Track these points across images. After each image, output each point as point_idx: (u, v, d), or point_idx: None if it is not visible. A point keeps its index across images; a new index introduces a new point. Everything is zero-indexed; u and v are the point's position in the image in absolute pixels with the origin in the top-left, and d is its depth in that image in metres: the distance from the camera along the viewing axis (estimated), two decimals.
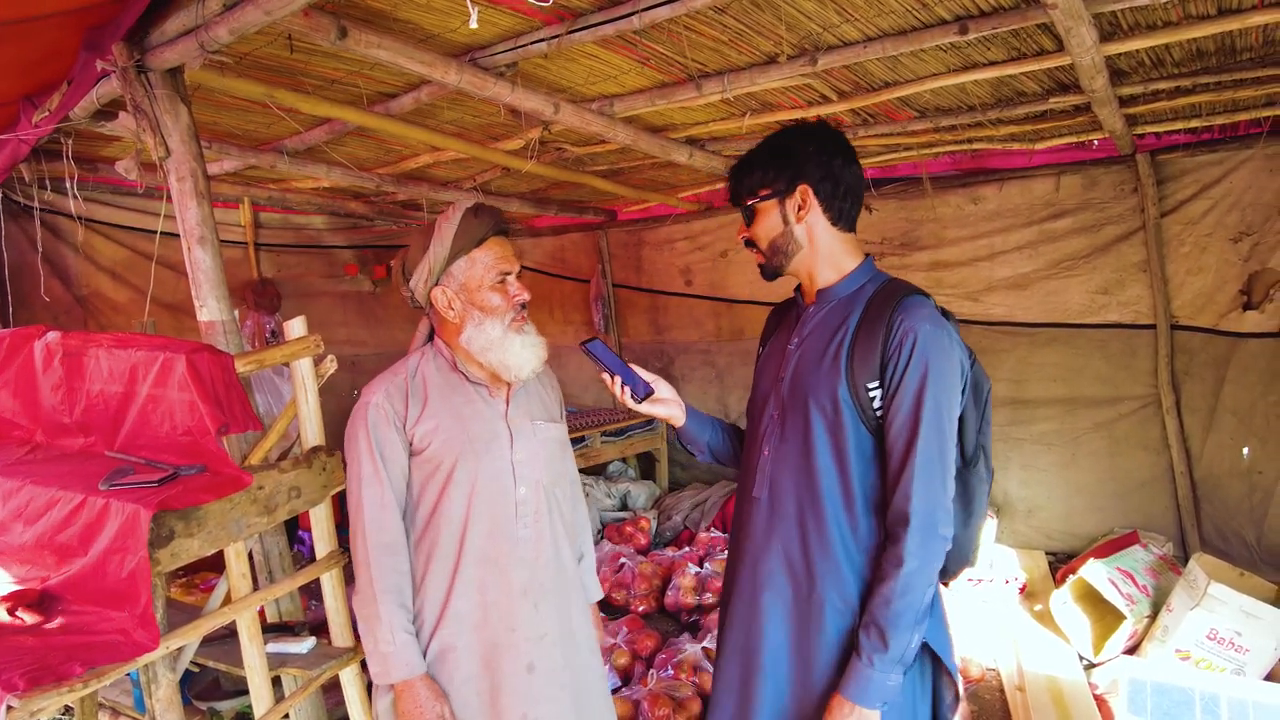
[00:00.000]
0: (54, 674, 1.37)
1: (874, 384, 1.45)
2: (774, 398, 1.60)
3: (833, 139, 1.57)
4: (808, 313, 1.60)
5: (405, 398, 1.68)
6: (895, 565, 1.39)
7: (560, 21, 2.27)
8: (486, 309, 1.68)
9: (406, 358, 1.78)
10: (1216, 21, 2.23)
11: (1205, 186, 3.58)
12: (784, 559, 1.54)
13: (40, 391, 2.00)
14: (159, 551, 1.55)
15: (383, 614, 1.60)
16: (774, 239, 1.57)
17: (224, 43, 1.90)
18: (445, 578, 1.67)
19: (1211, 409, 3.73)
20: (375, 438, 1.64)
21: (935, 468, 1.40)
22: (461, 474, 1.66)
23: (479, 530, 1.68)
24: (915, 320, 1.42)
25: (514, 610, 1.69)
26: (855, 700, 1.40)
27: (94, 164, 3.71)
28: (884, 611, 1.39)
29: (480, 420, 1.72)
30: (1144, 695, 1.68)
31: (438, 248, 1.68)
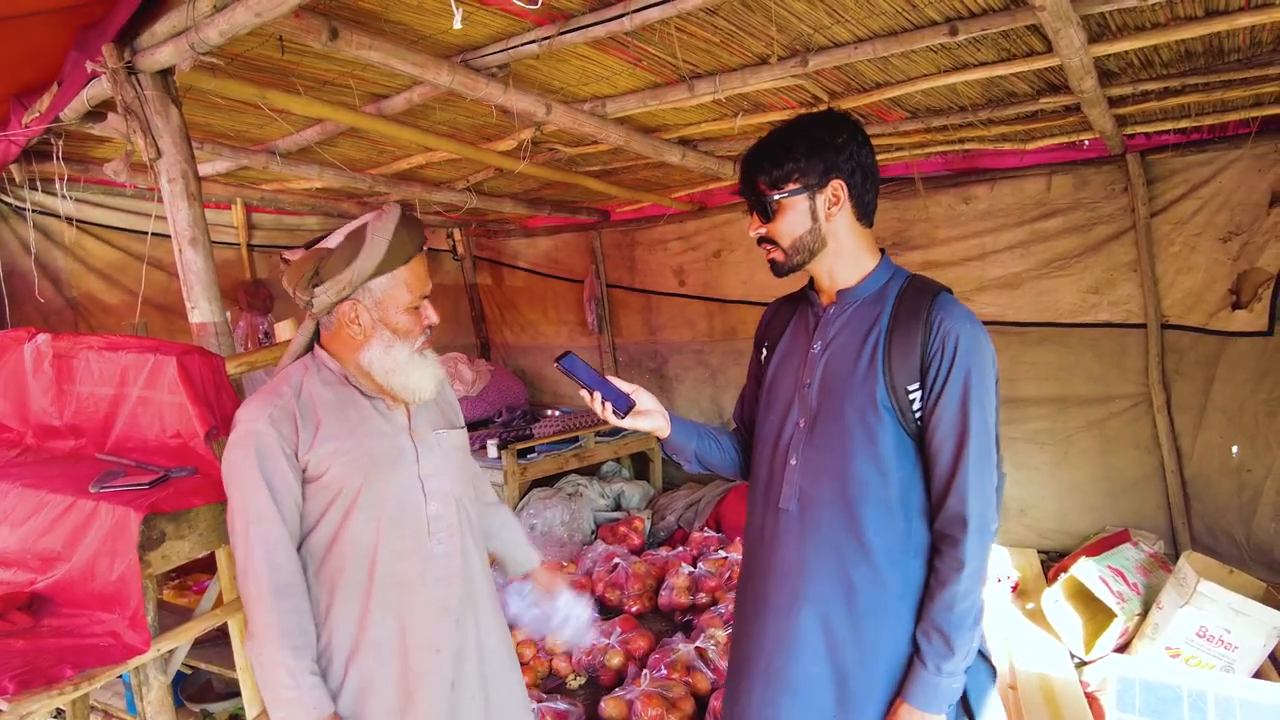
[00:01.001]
0: (44, 677, 1.37)
1: (914, 386, 1.41)
2: (798, 404, 1.53)
3: (858, 127, 1.50)
4: (828, 314, 1.54)
5: (294, 421, 1.51)
6: (956, 569, 1.37)
7: (552, 23, 2.27)
8: (399, 331, 1.57)
9: (284, 373, 1.61)
10: (1204, 23, 2.25)
11: (1194, 186, 3.60)
12: (823, 571, 1.48)
13: (30, 394, 2.00)
14: (150, 554, 1.55)
15: (282, 659, 1.44)
16: (799, 236, 1.48)
17: (215, 44, 1.90)
18: (356, 606, 1.54)
19: (1201, 407, 3.75)
20: (263, 469, 1.46)
21: (986, 467, 1.38)
22: (367, 498, 1.54)
23: (390, 553, 1.56)
24: (956, 320, 1.40)
25: (436, 631, 1.60)
26: (923, 708, 1.39)
27: (85, 165, 3.70)
28: (947, 616, 1.38)
29: (381, 437, 1.60)
30: (1132, 693, 1.69)
31: (366, 261, 1.52)
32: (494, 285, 6.58)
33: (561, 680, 3.28)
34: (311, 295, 1.56)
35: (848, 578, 1.45)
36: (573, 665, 3.32)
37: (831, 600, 1.47)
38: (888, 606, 1.44)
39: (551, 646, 3.37)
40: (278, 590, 1.46)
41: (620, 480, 5.43)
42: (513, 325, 6.54)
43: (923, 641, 1.40)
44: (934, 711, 1.39)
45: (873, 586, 1.44)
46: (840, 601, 1.46)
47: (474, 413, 5.59)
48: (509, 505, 4.69)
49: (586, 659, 3.29)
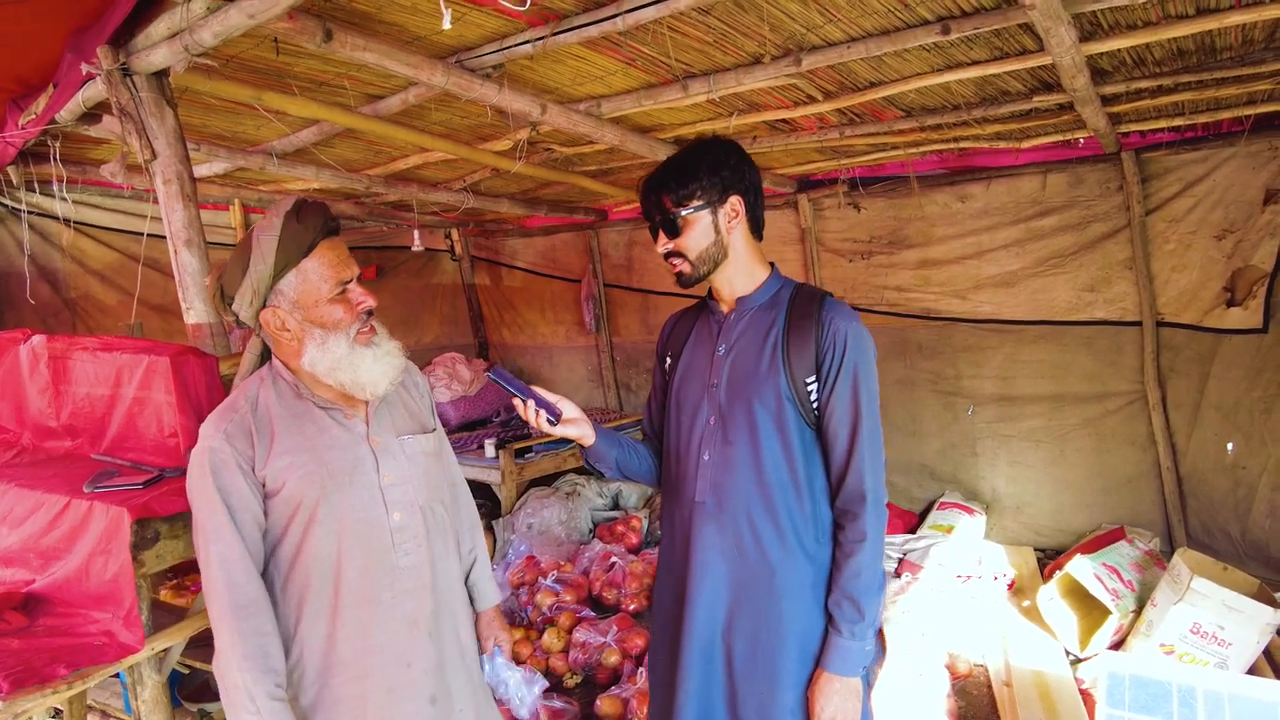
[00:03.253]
0: (38, 676, 1.38)
1: (811, 378, 1.57)
2: (708, 403, 1.65)
3: (744, 151, 1.67)
4: (729, 320, 1.68)
5: (249, 436, 1.47)
6: (859, 540, 1.53)
7: (545, 23, 2.28)
8: (328, 324, 1.49)
9: (243, 386, 1.57)
10: (1195, 21, 2.25)
11: (1189, 184, 3.61)
12: (739, 557, 1.59)
13: (27, 395, 2.01)
14: (144, 553, 1.56)
15: (242, 681, 1.39)
16: (705, 249, 1.61)
17: (208, 46, 1.90)
18: (324, 622, 1.50)
19: (1196, 405, 3.76)
20: (219, 485, 1.43)
21: (877, 447, 1.55)
22: (325, 511, 1.48)
23: (354, 568, 1.51)
24: (844, 319, 1.57)
25: (407, 646, 1.55)
26: (841, 673, 1.52)
27: (82, 166, 3.71)
28: (855, 583, 1.52)
29: (337, 449, 1.53)
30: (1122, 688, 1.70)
31: (259, 265, 1.46)
32: (492, 285, 6.59)
33: (559, 678, 3.29)
34: (234, 314, 1.52)
35: (766, 559, 1.58)
36: (569, 664, 3.33)
37: (753, 583, 1.59)
38: (803, 584, 1.57)
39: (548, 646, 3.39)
40: (236, 610, 1.42)
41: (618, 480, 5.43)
42: (511, 325, 6.55)
43: (835, 611, 1.54)
44: (851, 675, 1.53)
45: (791, 566, 1.57)
46: (761, 583, 1.58)
47: (472, 412, 5.59)
48: (506, 505, 4.70)
49: (583, 657, 3.30)
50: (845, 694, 1.53)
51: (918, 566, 3.93)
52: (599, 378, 6.16)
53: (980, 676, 3.20)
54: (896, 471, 4.74)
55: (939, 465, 4.61)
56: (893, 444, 4.71)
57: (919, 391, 4.58)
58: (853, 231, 4.59)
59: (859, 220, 4.53)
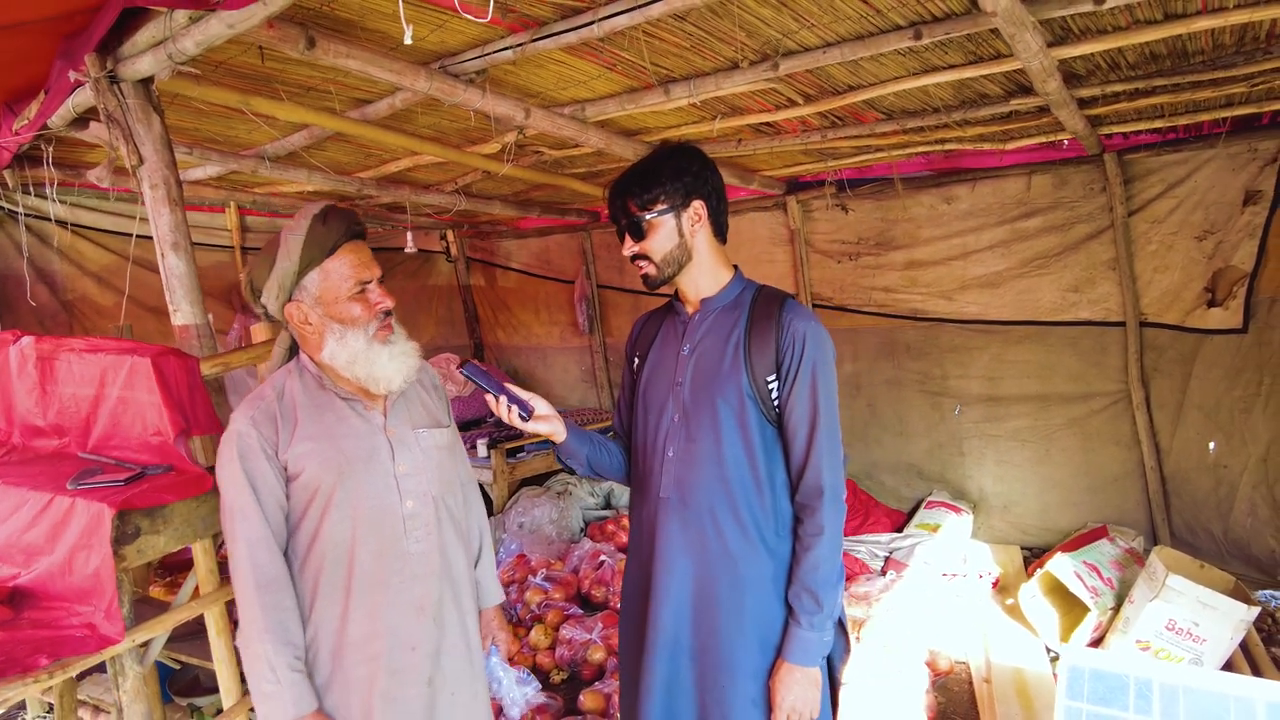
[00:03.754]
0: (20, 665, 1.43)
1: (771, 377, 1.61)
2: (673, 401, 1.69)
3: (708, 158, 1.71)
4: (694, 321, 1.73)
5: (274, 422, 1.56)
6: (816, 534, 1.57)
7: (525, 29, 2.32)
8: (346, 321, 1.58)
9: (272, 377, 1.67)
10: (1163, 26, 2.29)
11: (1170, 185, 3.64)
12: (702, 551, 1.63)
13: (15, 395, 2.06)
14: (125, 548, 1.60)
15: (263, 653, 1.48)
16: (669, 251, 1.66)
17: (191, 54, 1.95)
18: (337, 604, 1.58)
19: (1179, 404, 3.79)
20: (246, 469, 1.52)
21: (835, 444, 1.59)
22: (341, 495, 1.57)
23: (367, 552, 1.59)
24: (803, 320, 1.62)
25: (413, 630, 1.63)
26: (801, 663, 1.57)
27: (77, 169, 3.76)
28: (814, 576, 1.57)
29: (355, 437, 1.62)
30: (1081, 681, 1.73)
31: (285, 262, 1.57)
32: (487, 286, 6.64)
33: (545, 674, 3.33)
34: (263, 307, 1.63)
35: (730, 553, 1.62)
36: (555, 660, 3.37)
37: (716, 576, 1.63)
38: (764, 577, 1.61)
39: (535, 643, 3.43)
40: (259, 586, 1.51)
41: None
42: (505, 326, 6.59)
43: (794, 602, 1.59)
44: (810, 664, 1.57)
45: (752, 559, 1.61)
46: (724, 577, 1.62)
47: (466, 413, 5.64)
48: (498, 504, 4.75)
49: (569, 654, 3.34)
50: (805, 683, 1.57)
51: (903, 565, 3.97)
52: (592, 378, 6.21)
53: (961, 673, 3.24)
54: (884, 470, 4.78)
55: (927, 465, 4.64)
56: (881, 443, 4.75)
57: (906, 391, 4.61)
58: (841, 233, 4.62)
59: (847, 222, 4.57)
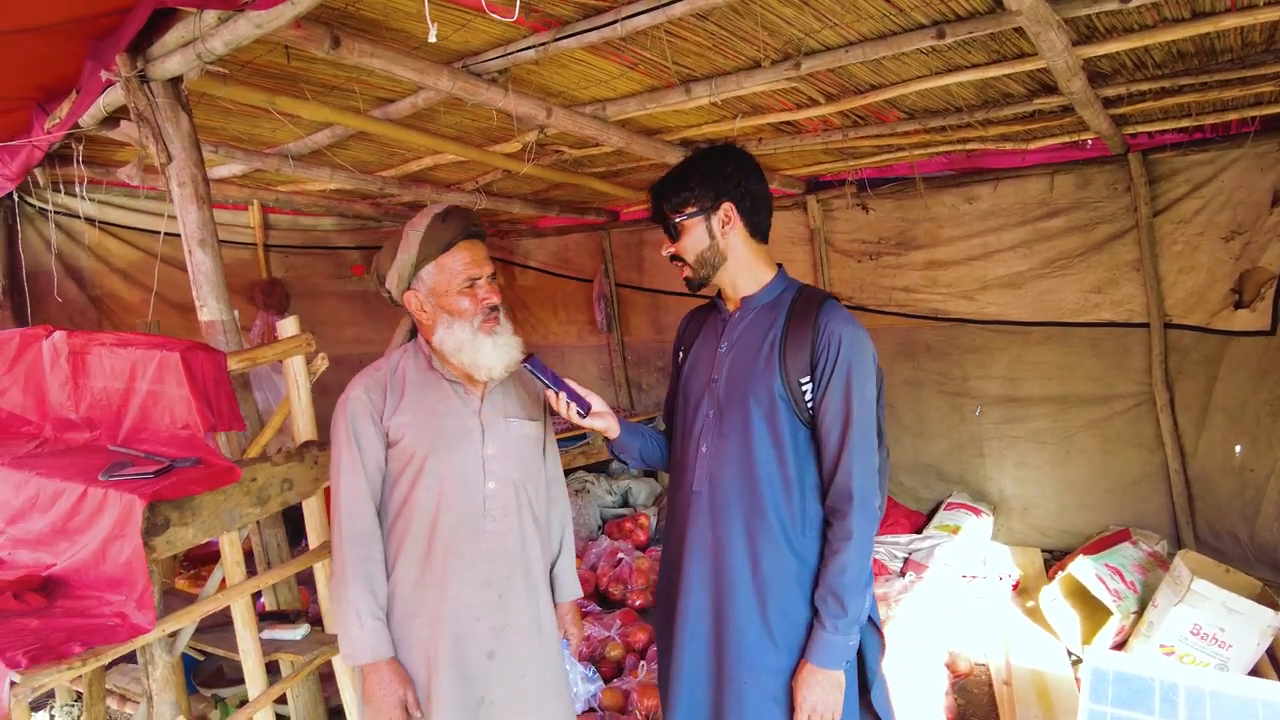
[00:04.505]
0: (54, 653, 1.46)
1: (806, 379, 1.61)
2: (708, 398, 1.71)
3: (747, 159, 1.72)
4: (733, 319, 1.74)
5: (384, 391, 1.74)
6: (845, 538, 1.56)
7: (547, 28, 2.34)
8: (455, 312, 1.72)
9: (389, 354, 1.84)
10: (1191, 24, 2.27)
11: (1197, 185, 3.60)
12: (732, 546, 1.64)
13: (49, 388, 2.10)
14: (155, 539, 1.63)
15: (352, 598, 1.64)
16: (701, 253, 1.70)
17: (219, 54, 1.98)
18: (415, 569, 1.71)
19: (1204, 407, 3.74)
20: (353, 429, 1.70)
21: (867, 449, 1.58)
22: (432, 465, 1.71)
23: (447, 523, 1.72)
24: (839, 322, 1.60)
25: (478, 603, 1.73)
26: (824, 665, 1.56)
27: (106, 168, 3.82)
28: (840, 580, 1.55)
29: (453, 416, 1.76)
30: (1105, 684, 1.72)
31: (404, 255, 1.74)
32: (505, 284, 6.67)
33: None
34: (387, 292, 1.81)
35: (754, 551, 1.62)
36: (574, 656, 3.38)
37: (739, 573, 1.63)
38: (788, 577, 1.61)
39: None
40: (354, 537, 1.67)
41: (628, 477, 5.49)
42: (524, 324, 6.62)
43: (820, 605, 1.58)
44: (833, 668, 1.56)
45: (776, 558, 1.61)
46: (747, 574, 1.62)
47: None
48: None
49: (587, 650, 3.36)
50: (827, 686, 1.56)
51: (923, 566, 3.95)
52: (610, 376, 6.22)
53: (981, 675, 3.22)
54: (904, 472, 4.75)
55: (946, 466, 4.62)
56: (901, 444, 4.73)
57: (926, 392, 4.59)
58: (861, 232, 4.61)
59: (867, 221, 4.55)
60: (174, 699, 1.73)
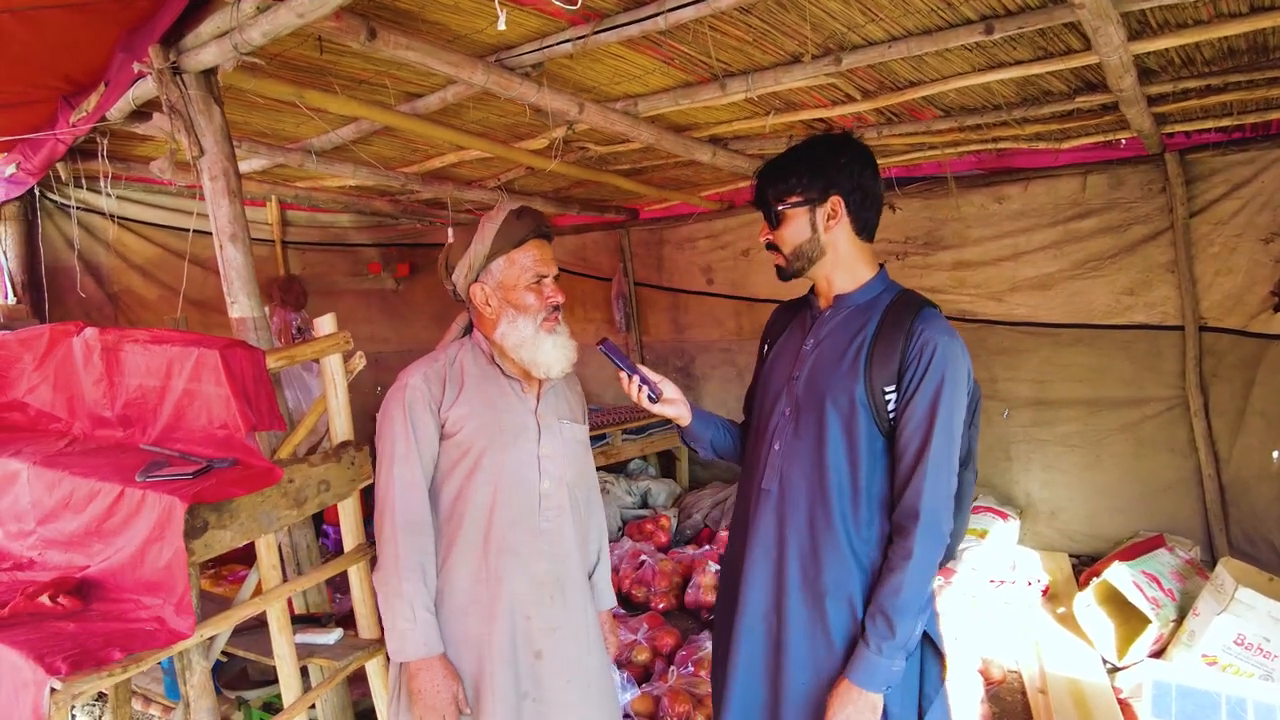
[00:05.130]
0: (94, 659, 1.42)
1: (890, 388, 1.52)
2: (786, 394, 1.64)
3: (863, 152, 1.63)
4: (823, 316, 1.67)
5: (443, 382, 1.73)
6: (904, 558, 1.47)
7: (586, 22, 2.29)
8: (520, 307, 1.73)
9: (445, 347, 1.84)
10: (1249, 19, 2.21)
11: (1235, 186, 3.53)
12: (795, 548, 1.58)
13: (82, 386, 2.05)
14: (193, 542, 1.59)
15: (405, 591, 1.62)
16: (800, 245, 1.62)
17: (257, 45, 1.94)
18: (469, 563, 1.71)
19: (1240, 411, 3.68)
20: (411, 418, 1.68)
21: (944, 469, 1.48)
22: (489, 461, 1.71)
23: (503, 519, 1.71)
24: (935, 331, 1.50)
25: (530, 601, 1.73)
26: (862, 685, 1.47)
27: (127, 163, 3.79)
28: (892, 601, 1.46)
29: (512, 412, 1.77)
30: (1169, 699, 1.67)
31: (479, 246, 1.75)
32: None
33: None
34: (452, 284, 1.82)
35: (818, 556, 1.55)
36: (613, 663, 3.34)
37: (802, 575, 1.57)
38: (849, 588, 1.53)
39: None
40: (409, 527, 1.66)
41: (647, 478, 5.44)
42: None
43: (868, 623, 1.49)
44: (872, 690, 1.46)
45: (839, 566, 1.54)
46: (810, 577, 1.56)
47: None
48: None
49: (613, 655, 3.30)
50: (862, 707, 1.47)
51: (950, 570, 3.89)
52: None
53: (1014, 683, 3.16)
54: None
55: None
56: None
57: None
58: (887, 231, 4.54)
59: (894, 220, 4.49)
60: (211, 705, 1.69)
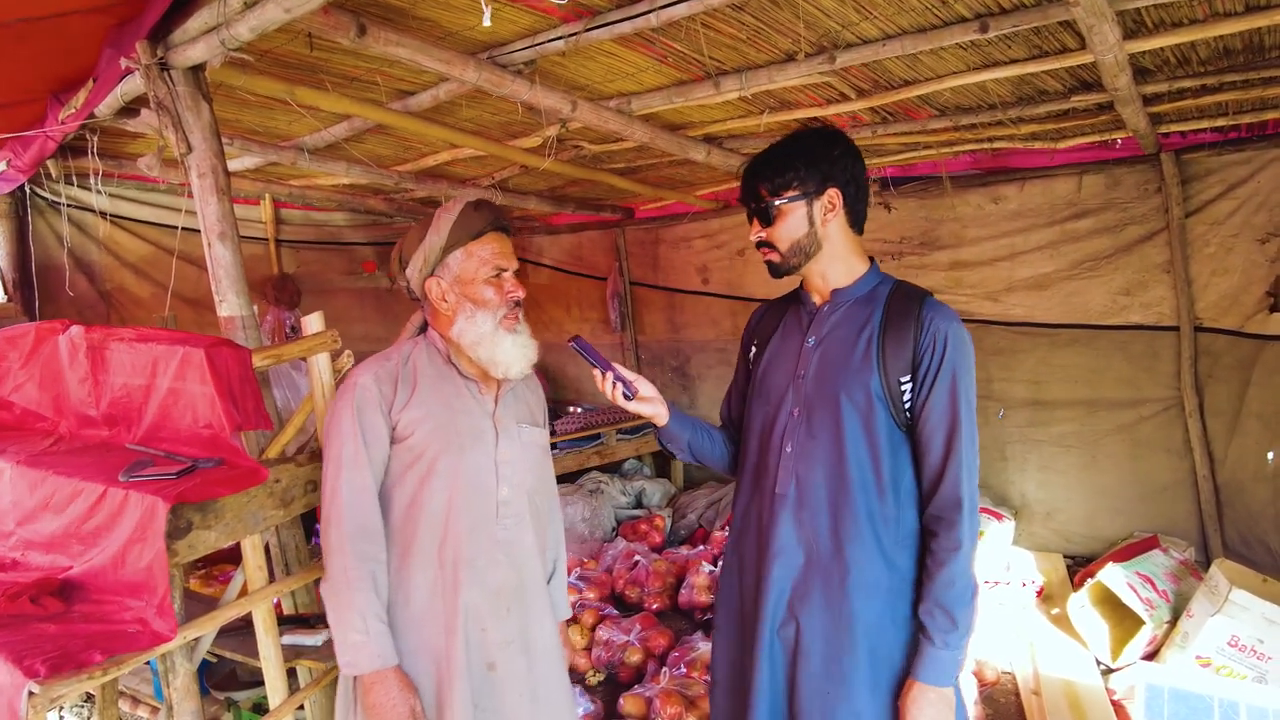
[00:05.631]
0: (74, 661, 1.40)
1: (906, 378, 1.51)
2: (793, 394, 1.61)
3: (852, 143, 1.62)
4: (822, 312, 1.64)
5: (394, 382, 1.65)
6: (953, 549, 1.45)
7: (578, 19, 2.27)
8: (479, 302, 1.67)
9: (399, 345, 1.76)
10: (1244, 18, 2.20)
11: (1231, 186, 3.52)
12: (815, 552, 1.56)
13: (67, 384, 2.03)
14: (177, 543, 1.57)
15: (356, 602, 1.55)
16: (797, 240, 1.59)
17: (245, 40, 1.92)
18: (425, 572, 1.63)
19: (1236, 412, 3.67)
20: (360, 420, 1.60)
21: (972, 455, 1.48)
22: (444, 466, 1.63)
23: (459, 527, 1.64)
24: (945, 319, 1.51)
25: (488, 612, 1.66)
26: (935, 683, 1.45)
27: (119, 160, 3.76)
28: (949, 593, 1.45)
29: (468, 415, 1.69)
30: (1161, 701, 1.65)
31: (434, 238, 1.68)
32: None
33: (581, 676, 3.29)
34: (406, 280, 1.73)
35: (841, 558, 1.53)
36: (592, 662, 3.32)
37: (825, 580, 1.54)
38: (878, 586, 1.51)
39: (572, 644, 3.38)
40: (359, 534, 1.57)
41: (642, 478, 5.43)
42: (536, 322, 6.49)
43: (927, 620, 1.47)
44: (945, 685, 1.46)
45: (868, 566, 1.52)
46: (834, 581, 1.53)
47: None
48: None
49: (606, 655, 3.29)
50: (940, 705, 1.45)
51: None
52: None
53: (1008, 684, 3.15)
54: None
55: None
56: None
57: None
58: (883, 232, 4.53)
59: (890, 220, 4.48)
60: (196, 708, 1.67)
